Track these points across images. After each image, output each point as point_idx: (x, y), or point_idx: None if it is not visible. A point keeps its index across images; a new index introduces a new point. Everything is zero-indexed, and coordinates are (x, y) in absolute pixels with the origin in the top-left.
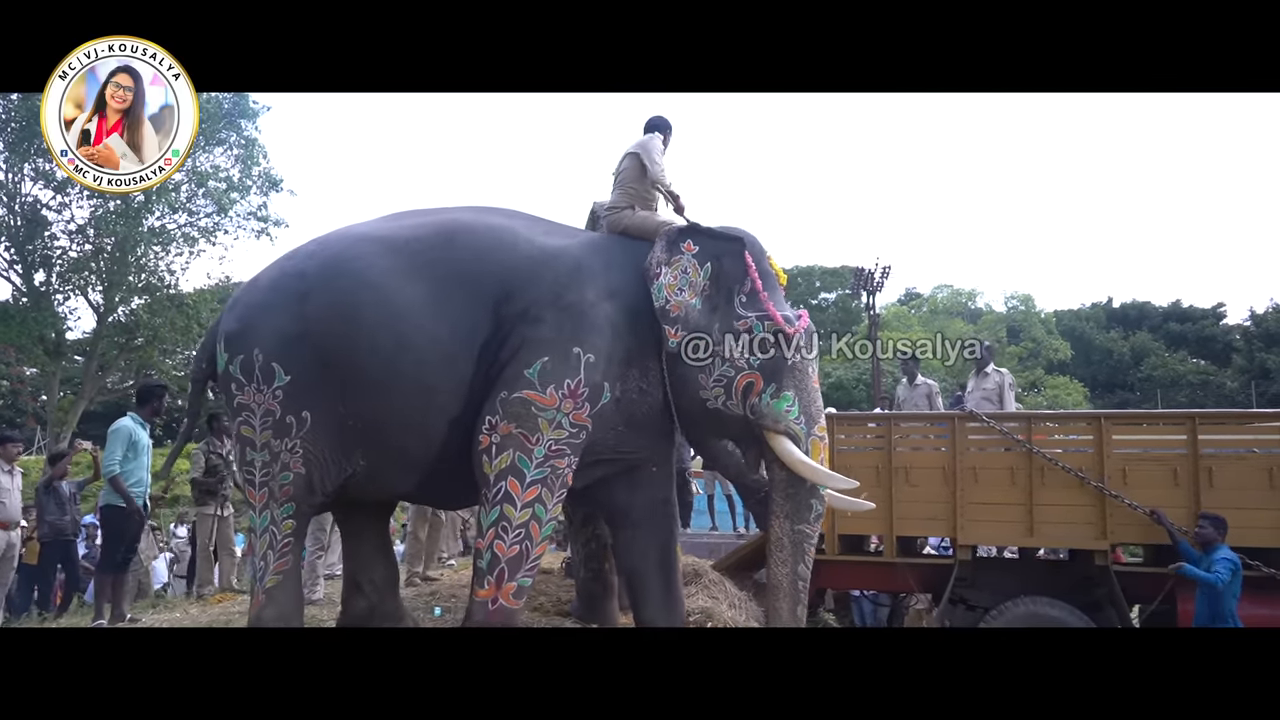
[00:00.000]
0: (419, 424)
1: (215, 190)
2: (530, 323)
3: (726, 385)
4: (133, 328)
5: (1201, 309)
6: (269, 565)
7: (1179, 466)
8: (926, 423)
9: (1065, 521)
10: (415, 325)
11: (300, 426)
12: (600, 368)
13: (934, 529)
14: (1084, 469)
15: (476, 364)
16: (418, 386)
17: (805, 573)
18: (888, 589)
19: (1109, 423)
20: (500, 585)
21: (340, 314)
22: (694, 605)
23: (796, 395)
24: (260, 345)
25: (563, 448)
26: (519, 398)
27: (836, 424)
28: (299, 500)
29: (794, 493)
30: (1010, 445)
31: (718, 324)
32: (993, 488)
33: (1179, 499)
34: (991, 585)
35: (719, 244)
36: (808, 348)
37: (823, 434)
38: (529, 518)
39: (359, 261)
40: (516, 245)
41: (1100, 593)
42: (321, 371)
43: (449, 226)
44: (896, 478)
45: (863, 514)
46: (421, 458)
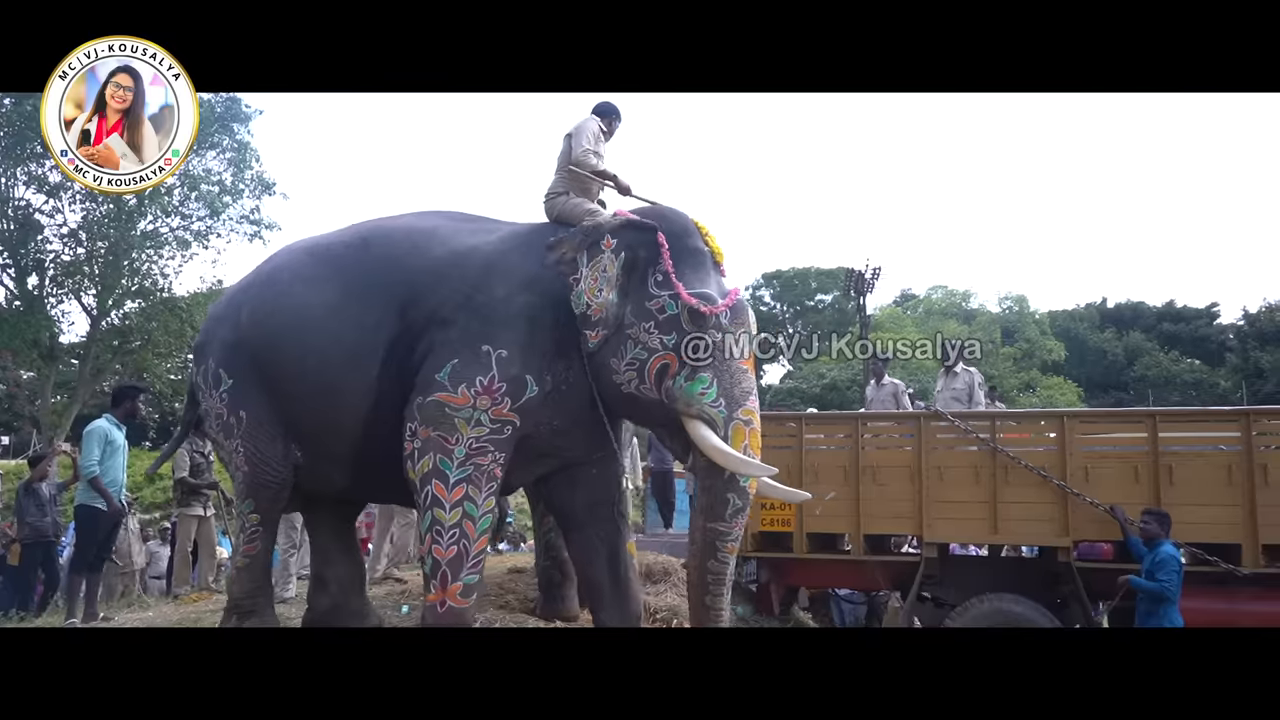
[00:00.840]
0: (332, 422)
1: (208, 194)
2: (440, 326)
3: (639, 368)
4: (126, 331)
5: (1195, 309)
6: (239, 549)
7: (1139, 464)
8: (893, 422)
9: (1029, 519)
10: (320, 328)
11: (239, 426)
12: (517, 361)
13: (900, 526)
14: (1047, 467)
15: (383, 365)
16: (324, 386)
17: (719, 568)
18: (858, 587)
19: (1072, 421)
20: (445, 587)
21: (261, 321)
22: (662, 603)
23: (715, 377)
24: (213, 354)
25: (485, 444)
26: (433, 401)
27: (805, 424)
28: (255, 496)
29: (710, 485)
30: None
31: (630, 307)
32: (958, 486)
33: (1140, 496)
34: (959, 582)
35: (634, 233)
36: (733, 325)
37: (748, 418)
38: (460, 517)
39: (284, 271)
40: (428, 249)
41: (1066, 590)
42: (254, 375)
43: (368, 232)
44: (864, 476)
45: (832, 512)
46: (343, 454)
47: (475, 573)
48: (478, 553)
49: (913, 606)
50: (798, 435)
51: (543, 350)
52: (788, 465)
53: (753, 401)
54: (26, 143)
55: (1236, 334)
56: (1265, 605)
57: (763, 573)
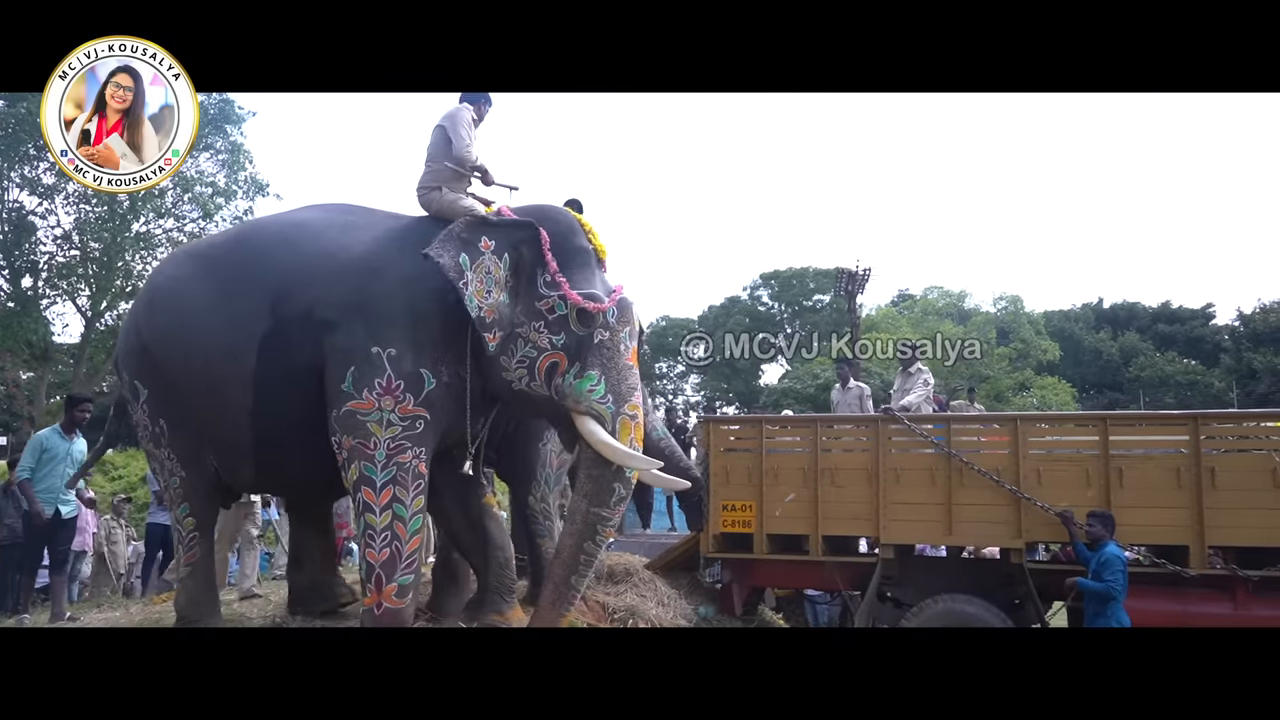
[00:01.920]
0: (224, 417)
1: (201, 196)
2: (326, 329)
3: (529, 366)
4: None
5: (1191, 309)
6: (180, 559)
7: (1090, 467)
8: (851, 425)
9: (982, 520)
10: (199, 325)
11: (165, 434)
12: (409, 357)
13: (858, 528)
14: (1000, 469)
15: (258, 358)
16: (209, 381)
17: (594, 549)
18: (819, 587)
19: (1025, 424)
20: (380, 589)
21: (154, 326)
22: (621, 603)
23: (603, 374)
24: (126, 367)
25: (402, 442)
26: (346, 411)
27: (766, 426)
28: (189, 499)
29: (597, 474)
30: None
31: (520, 307)
32: (914, 488)
33: (1091, 498)
34: (917, 583)
35: (515, 232)
36: (619, 324)
37: (634, 413)
38: (390, 520)
39: (166, 276)
40: (299, 244)
41: (1020, 591)
42: (159, 381)
43: (244, 229)
44: (823, 478)
45: (791, 513)
46: (242, 447)
47: (410, 573)
48: (410, 553)
49: (870, 607)
50: (758, 438)
51: (432, 343)
52: (748, 467)
53: (637, 397)
54: (20, 145)
55: (1231, 335)
56: (1212, 606)
57: (725, 574)
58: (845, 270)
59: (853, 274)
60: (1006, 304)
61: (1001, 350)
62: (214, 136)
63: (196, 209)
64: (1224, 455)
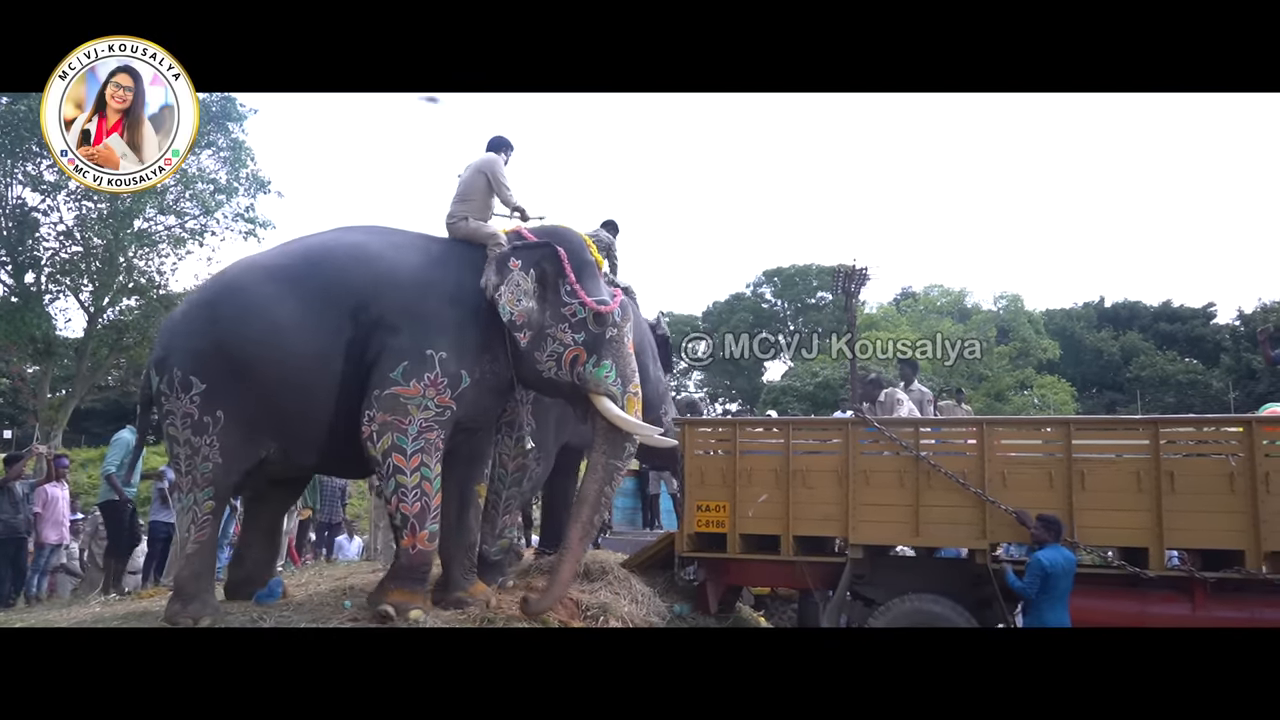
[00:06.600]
0: (307, 413)
1: (202, 193)
2: (389, 331)
3: (558, 359)
4: (123, 328)
5: (1192, 309)
6: (191, 536)
7: (1053, 470)
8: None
9: (949, 522)
10: (294, 337)
11: (215, 424)
12: (454, 360)
13: (828, 528)
14: (967, 472)
15: (345, 361)
16: (300, 384)
17: (610, 491)
18: (791, 586)
19: (991, 428)
20: (415, 534)
21: (236, 331)
22: (594, 600)
23: (614, 363)
24: (179, 363)
25: (431, 424)
26: (389, 394)
27: (739, 429)
28: (216, 484)
29: (613, 437)
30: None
31: (549, 313)
32: (882, 490)
33: (1053, 502)
34: (886, 582)
35: (536, 252)
36: (622, 321)
37: (636, 390)
38: (419, 480)
39: (246, 290)
40: (370, 262)
41: (987, 590)
42: (230, 379)
43: (313, 251)
44: (794, 480)
45: (764, 514)
46: (315, 439)
47: (435, 522)
48: (436, 506)
49: (840, 605)
50: (732, 440)
51: (472, 349)
52: (722, 469)
53: (636, 377)
54: (22, 142)
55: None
56: (1171, 607)
57: (701, 572)
58: (843, 268)
59: (850, 272)
60: (1007, 302)
61: (1002, 349)
62: (215, 133)
63: (198, 206)
64: (1182, 459)
